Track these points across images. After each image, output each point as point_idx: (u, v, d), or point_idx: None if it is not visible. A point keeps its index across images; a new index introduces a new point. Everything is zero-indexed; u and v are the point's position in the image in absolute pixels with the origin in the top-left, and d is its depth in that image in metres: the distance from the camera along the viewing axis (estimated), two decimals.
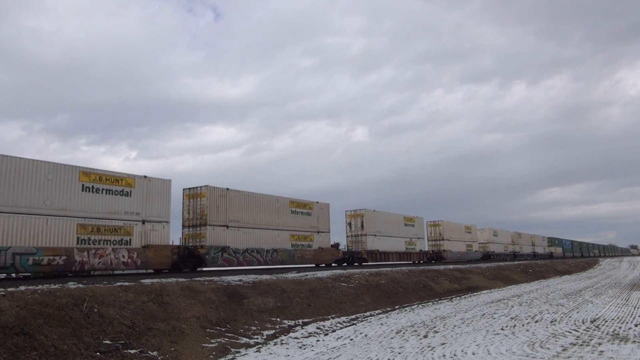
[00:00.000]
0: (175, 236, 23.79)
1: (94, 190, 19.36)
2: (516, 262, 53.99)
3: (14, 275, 17.83)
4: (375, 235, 37.92)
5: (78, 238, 18.44)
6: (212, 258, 23.63)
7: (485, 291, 29.44)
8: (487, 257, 59.42)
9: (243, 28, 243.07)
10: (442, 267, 34.96)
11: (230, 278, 18.42)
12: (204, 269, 24.13)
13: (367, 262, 36.56)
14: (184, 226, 25.03)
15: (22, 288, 12.01)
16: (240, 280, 18.18)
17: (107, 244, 19.38)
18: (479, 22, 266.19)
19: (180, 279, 16.68)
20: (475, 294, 27.92)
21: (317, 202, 32.38)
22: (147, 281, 15.48)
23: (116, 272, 21.44)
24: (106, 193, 19.79)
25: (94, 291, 12.75)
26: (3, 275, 17.44)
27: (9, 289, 11.70)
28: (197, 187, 24.95)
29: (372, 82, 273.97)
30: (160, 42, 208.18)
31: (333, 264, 33.13)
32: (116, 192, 20.19)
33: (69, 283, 13.72)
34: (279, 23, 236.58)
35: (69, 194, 18.45)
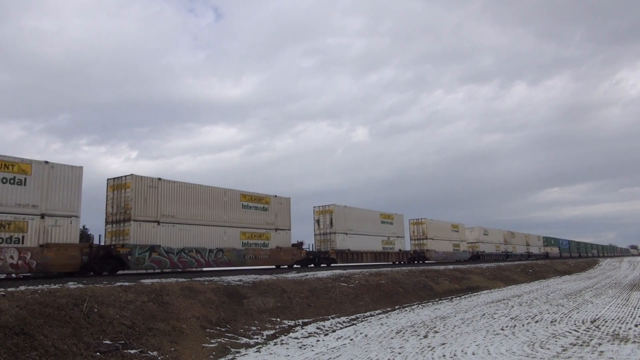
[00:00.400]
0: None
1: None
2: (516, 262, 53.74)
3: (13, 275, 17.80)
4: (346, 234, 34.78)
5: None
6: (137, 259, 20.36)
7: (486, 291, 29.44)
8: (476, 257, 56.37)
9: (244, 28, 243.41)
10: (442, 267, 34.95)
11: (230, 278, 18.42)
12: (126, 271, 21.30)
13: (337, 263, 33.47)
14: (107, 222, 21.80)
15: (22, 288, 12.01)
16: (240, 280, 18.18)
17: None
18: (479, 23, 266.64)
19: (180, 279, 16.67)
20: (475, 294, 27.91)
21: (276, 196, 29.04)
22: (147, 281, 15.48)
23: (117, 272, 20.85)
24: None
25: (94, 291, 12.75)
26: (3, 276, 17.42)
27: (9, 289, 11.70)
28: (121, 177, 21.70)
29: (372, 82, 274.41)
30: (161, 43, 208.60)
31: (295, 265, 30.16)
32: (5, 180, 16.71)
33: (69, 283, 13.72)
34: (280, 23, 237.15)
35: None
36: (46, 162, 18.22)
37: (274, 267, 28.62)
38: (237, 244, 25.67)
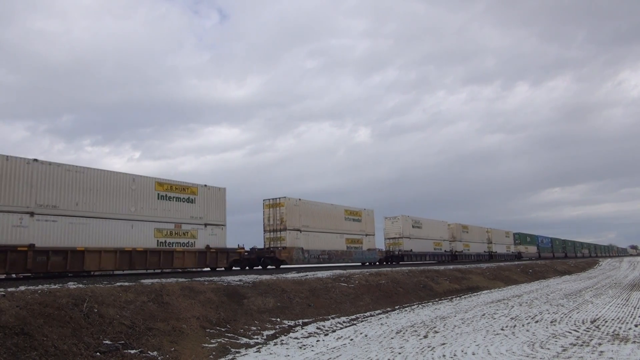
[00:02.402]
0: None
1: None
2: (516, 263, 53.59)
3: (13, 275, 17.79)
4: (300, 231, 29.88)
5: None
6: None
7: (486, 291, 29.43)
8: (396, 258, 43.68)
9: (248, 29, 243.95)
10: (442, 267, 34.95)
11: (230, 278, 18.42)
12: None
13: (287, 265, 29.02)
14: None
15: (22, 288, 12.01)
16: (240, 281, 18.18)
17: None
18: (482, 24, 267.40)
19: (180, 279, 16.67)
20: (475, 294, 27.91)
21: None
22: (147, 281, 15.47)
23: (116, 272, 21.19)
24: None
25: (94, 291, 12.75)
26: (3, 276, 17.41)
27: (9, 289, 11.70)
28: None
29: (375, 83, 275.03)
30: (166, 44, 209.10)
31: (234, 268, 26.18)
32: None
33: (69, 283, 13.72)
34: (284, 25, 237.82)
35: None
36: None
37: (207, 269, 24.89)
38: (152, 243, 21.26)
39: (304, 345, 12.91)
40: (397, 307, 21.29)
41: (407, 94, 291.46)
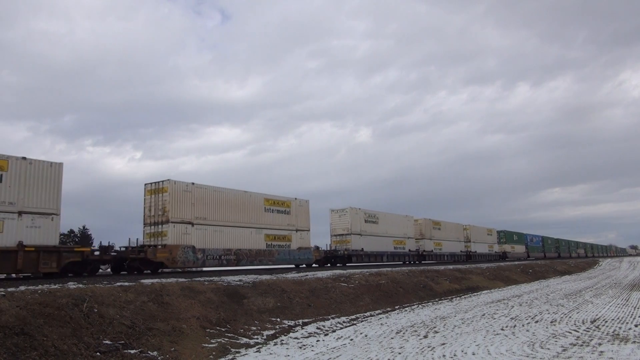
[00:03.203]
0: None
1: None
2: (516, 262, 53.28)
3: (13, 275, 17.78)
4: (192, 224, 23.02)
5: None
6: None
7: (486, 291, 29.43)
8: (341, 259, 35.37)
9: (251, 30, 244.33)
10: (442, 267, 34.94)
11: (230, 278, 18.42)
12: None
13: (169, 269, 22.69)
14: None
15: (22, 288, 12.01)
16: (240, 280, 18.18)
17: None
18: (483, 25, 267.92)
19: (180, 279, 16.67)
20: (475, 294, 27.91)
21: (296, 199, 29.03)
22: (147, 281, 15.47)
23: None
24: None
25: (94, 291, 12.75)
26: (3, 276, 17.40)
27: (9, 289, 11.70)
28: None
29: (377, 83, 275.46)
30: (168, 44, 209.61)
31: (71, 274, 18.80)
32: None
33: (69, 283, 13.72)
34: (286, 25, 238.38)
35: None
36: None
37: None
38: None
39: (304, 345, 12.91)
40: (397, 307, 21.29)
41: (408, 94, 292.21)
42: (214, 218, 24.46)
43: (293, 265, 29.84)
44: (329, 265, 33.54)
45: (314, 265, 31.60)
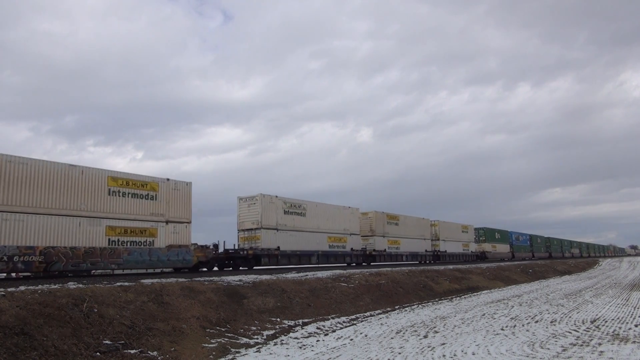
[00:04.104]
0: None
1: None
2: (516, 262, 52.89)
3: (13, 275, 17.78)
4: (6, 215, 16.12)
5: None
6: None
7: (485, 291, 29.43)
8: (249, 260, 27.31)
9: (252, 31, 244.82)
10: (442, 267, 34.94)
11: (230, 278, 18.42)
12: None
13: None
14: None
15: (22, 288, 12.01)
16: (240, 280, 18.18)
17: None
18: (484, 26, 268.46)
19: (180, 279, 16.67)
20: (475, 294, 27.91)
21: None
22: (147, 281, 15.47)
23: (116, 271, 21.25)
24: None
25: (94, 291, 12.75)
26: (3, 275, 17.40)
27: (9, 289, 11.70)
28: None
29: (378, 83, 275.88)
30: (170, 45, 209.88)
31: None
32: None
33: (69, 283, 13.72)
34: (288, 26, 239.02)
35: None
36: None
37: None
38: None
39: (304, 345, 12.91)
40: (397, 307, 21.29)
41: (409, 94, 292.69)
42: (46, 204, 17.47)
43: (159, 270, 22.20)
44: (230, 269, 25.94)
45: (202, 269, 23.95)
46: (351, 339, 13.79)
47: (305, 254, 30.49)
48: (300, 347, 12.68)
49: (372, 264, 36.54)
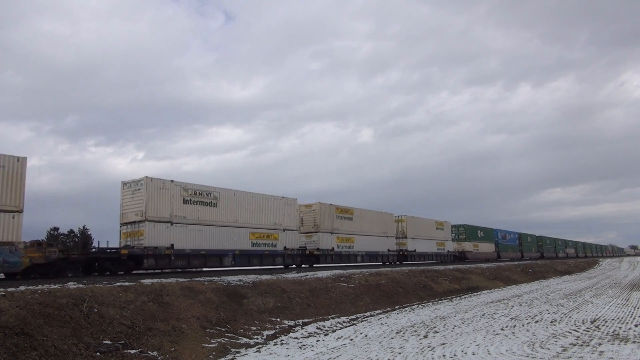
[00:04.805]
0: None
1: None
2: (516, 262, 52.78)
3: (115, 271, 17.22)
4: None
5: None
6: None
7: (486, 291, 29.43)
8: (310, 259, 30.68)
9: (254, 31, 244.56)
10: (442, 267, 34.94)
11: (230, 278, 18.42)
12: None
13: None
14: None
15: (22, 288, 12.01)
16: (240, 280, 18.18)
17: None
18: (485, 26, 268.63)
19: (180, 279, 16.67)
20: (475, 294, 27.91)
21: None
22: (147, 281, 15.47)
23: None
24: None
25: (94, 291, 12.75)
26: (2, 276, 17.40)
27: (9, 289, 11.70)
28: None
29: (379, 84, 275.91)
30: (172, 45, 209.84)
31: None
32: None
33: (69, 283, 13.72)
34: (289, 26, 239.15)
35: None
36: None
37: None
38: None
39: (304, 345, 12.91)
40: (397, 307, 21.29)
41: (410, 94, 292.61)
42: None
43: None
44: (107, 273, 20.03)
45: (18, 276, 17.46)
46: (351, 339, 13.79)
47: (214, 254, 24.16)
48: (300, 347, 12.68)
49: (315, 265, 30.93)
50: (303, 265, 30.50)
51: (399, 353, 11.46)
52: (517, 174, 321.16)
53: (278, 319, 15.82)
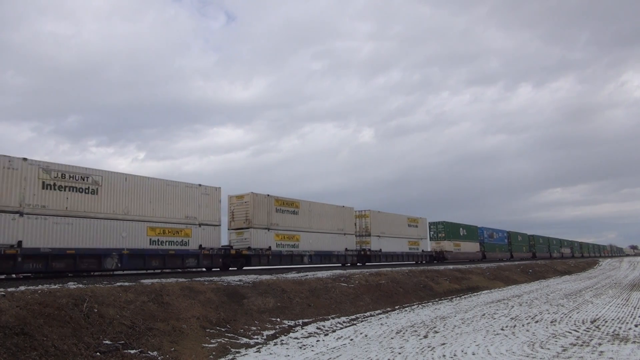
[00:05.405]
0: None
1: None
2: (516, 263, 52.47)
3: (14, 275, 17.77)
4: None
5: None
6: None
7: (486, 291, 29.43)
8: (240, 261, 25.82)
9: (255, 31, 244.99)
10: (442, 267, 34.94)
11: (230, 278, 18.42)
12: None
13: None
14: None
15: (22, 288, 12.01)
16: (240, 280, 18.18)
17: None
18: (486, 27, 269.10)
19: (180, 279, 16.67)
20: (475, 294, 27.91)
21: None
22: (147, 281, 15.48)
23: (116, 272, 21.12)
24: None
25: (94, 291, 12.75)
26: (3, 276, 17.40)
27: (9, 289, 11.70)
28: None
29: (380, 84, 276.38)
30: (173, 46, 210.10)
31: None
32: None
33: (69, 283, 13.72)
34: (291, 27, 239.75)
35: None
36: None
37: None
38: None
39: (304, 345, 12.91)
40: (397, 307, 21.29)
41: (410, 95, 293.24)
42: None
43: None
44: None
45: None
46: (351, 339, 13.79)
47: (89, 253, 18.64)
48: (300, 347, 12.68)
49: (245, 267, 25.80)
50: (231, 268, 25.64)
51: (399, 353, 11.46)
52: (517, 174, 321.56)
53: (278, 319, 15.82)
